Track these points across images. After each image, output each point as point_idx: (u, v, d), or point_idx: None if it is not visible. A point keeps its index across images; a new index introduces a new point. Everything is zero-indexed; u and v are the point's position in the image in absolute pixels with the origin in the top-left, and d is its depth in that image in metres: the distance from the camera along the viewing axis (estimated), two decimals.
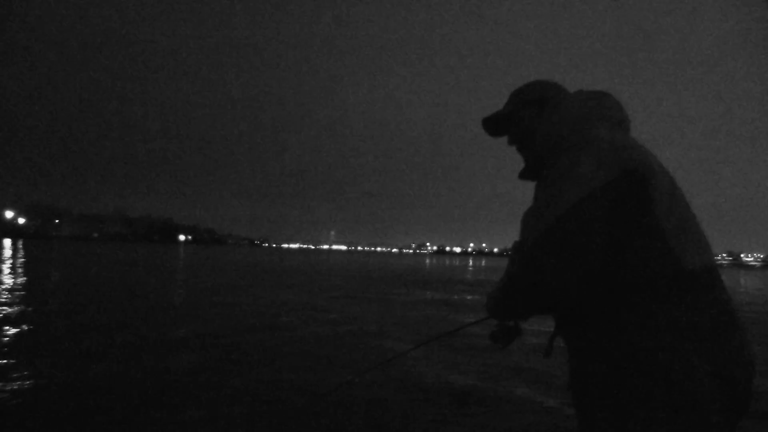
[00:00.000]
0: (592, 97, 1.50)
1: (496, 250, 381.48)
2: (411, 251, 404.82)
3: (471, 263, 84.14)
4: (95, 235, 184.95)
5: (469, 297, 17.55)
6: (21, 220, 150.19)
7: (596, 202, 1.25)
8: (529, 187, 1.60)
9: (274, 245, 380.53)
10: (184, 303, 12.23)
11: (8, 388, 4.85)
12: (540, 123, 1.53)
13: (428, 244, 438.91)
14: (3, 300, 11.09)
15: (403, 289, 19.39)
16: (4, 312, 9.41)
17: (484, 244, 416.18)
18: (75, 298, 11.87)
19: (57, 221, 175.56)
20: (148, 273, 22.52)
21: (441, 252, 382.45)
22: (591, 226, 1.24)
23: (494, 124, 1.72)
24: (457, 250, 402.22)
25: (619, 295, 1.26)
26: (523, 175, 1.65)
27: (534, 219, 1.31)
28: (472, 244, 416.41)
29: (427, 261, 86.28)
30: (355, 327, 9.51)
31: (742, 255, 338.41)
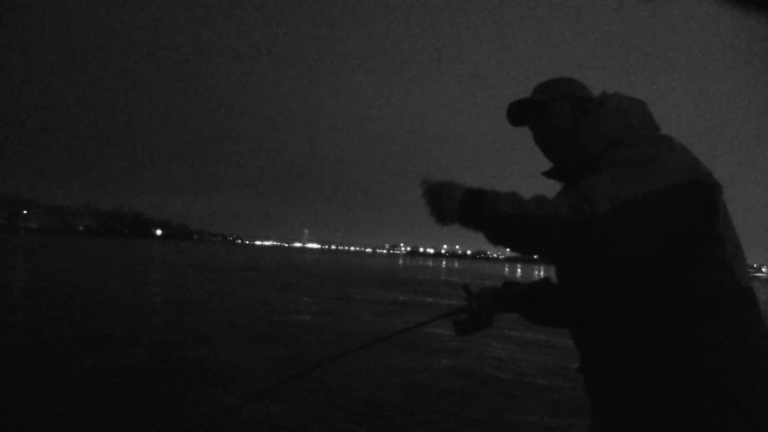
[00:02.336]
0: (638, 102, 1.46)
1: (469, 252, 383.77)
2: (384, 251, 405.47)
3: (444, 264, 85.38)
4: (81, 228, 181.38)
5: (442, 301, 18.18)
6: None
7: (678, 195, 1.20)
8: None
9: (248, 242, 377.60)
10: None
11: None
12: (591, 119, 1.45)
13: (402, 244, 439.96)
14: None
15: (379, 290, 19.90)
16: None
17: (457, 246, 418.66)
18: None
19: (25, 213, 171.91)
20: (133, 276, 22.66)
21: (414, 253, 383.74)
22: (668, 214, 1.20)
23: (522, 111, 1.59)
24: (431, 251, 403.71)
25: (679, 310, 1.23)
26: (551, 175, 1.57)
27: (613, 185, 1.19)
28: (445, 246, 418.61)
29: (401, 262, 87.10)
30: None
31: None
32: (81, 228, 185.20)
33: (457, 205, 1.26)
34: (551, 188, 1.57)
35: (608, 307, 1.33)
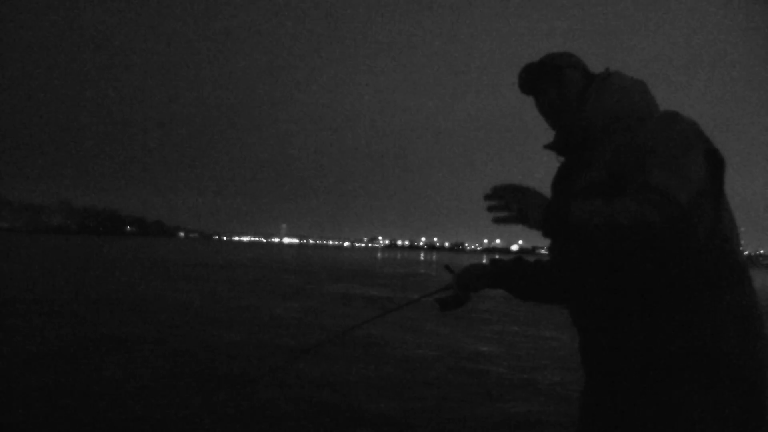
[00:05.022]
0: (639, 82, 1.51)
1: (447, 244, 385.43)
2: (363, 245, 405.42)
3: (422, 257, 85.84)
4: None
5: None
6: None
7: (709, 169, 1.26)
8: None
9: (225, 238, 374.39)
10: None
11: None
12: (597, 92, 1.48)
13: (380, 238, 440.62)
14: None
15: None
16: None
17: (435, 239, 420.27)
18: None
19: None
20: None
21: (393, 246, 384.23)
22: (712, 188, 1.26)
23: (536, 75, 1.59)
24: (407, 243, 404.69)
25: (681, 281, 1.26)
26: (552, 147, 1.59)
27: (678, 176, 1.20)
28: (423, 239, 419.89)
29: (379, 255, 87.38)
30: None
31: None
32: (56, 226, 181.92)
33: (543, 210, 1.23)
34: (542, 165, 1.56)
35: (611, 280, 1.33)
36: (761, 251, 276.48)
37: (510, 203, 1.25)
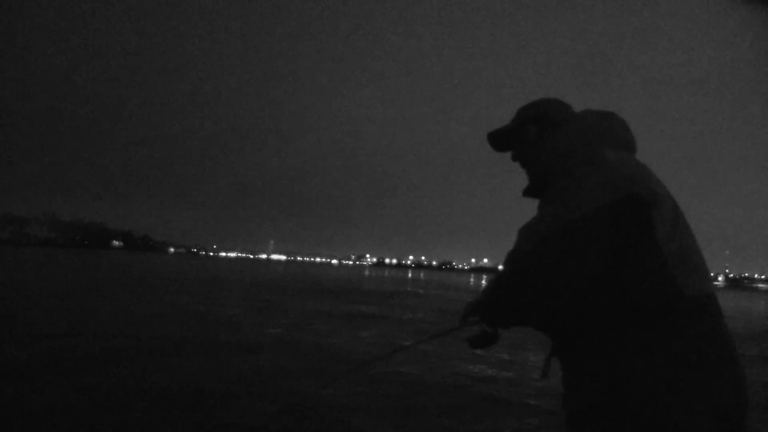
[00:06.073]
0: (598, 117, 1.51)
1: (435, 263, 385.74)
2: (351, 263, 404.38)
3: (410, 275, 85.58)
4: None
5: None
6: None
7: (595, 221, 1.25)
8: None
9: (212, 254, 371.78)
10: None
11: None
12: (544, 141, 1.56)
13: (368, 255, 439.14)
14: None
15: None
16: None
17: (423, 257, 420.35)
18: None
19: None
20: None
21: (380, 264, 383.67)
22: (587, 244, 1.24)
23: (499, 140, 1.74)
24: (395, 262, 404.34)
25: (618, 320, 1.26)
26: (527, 193, 1.66)
27: (531, 231, 1.33)
28: (411, 257, 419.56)
29: (366, 273, 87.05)
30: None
31: None
32: (41, 238, 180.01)
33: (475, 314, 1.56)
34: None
35: (552, 314, 1.37)
36: (746, 273, 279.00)
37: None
